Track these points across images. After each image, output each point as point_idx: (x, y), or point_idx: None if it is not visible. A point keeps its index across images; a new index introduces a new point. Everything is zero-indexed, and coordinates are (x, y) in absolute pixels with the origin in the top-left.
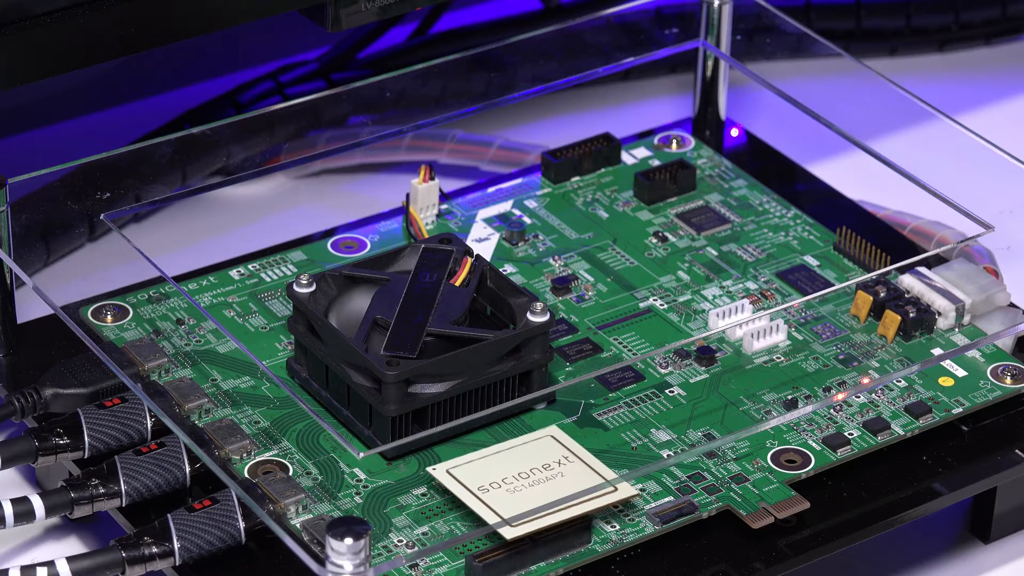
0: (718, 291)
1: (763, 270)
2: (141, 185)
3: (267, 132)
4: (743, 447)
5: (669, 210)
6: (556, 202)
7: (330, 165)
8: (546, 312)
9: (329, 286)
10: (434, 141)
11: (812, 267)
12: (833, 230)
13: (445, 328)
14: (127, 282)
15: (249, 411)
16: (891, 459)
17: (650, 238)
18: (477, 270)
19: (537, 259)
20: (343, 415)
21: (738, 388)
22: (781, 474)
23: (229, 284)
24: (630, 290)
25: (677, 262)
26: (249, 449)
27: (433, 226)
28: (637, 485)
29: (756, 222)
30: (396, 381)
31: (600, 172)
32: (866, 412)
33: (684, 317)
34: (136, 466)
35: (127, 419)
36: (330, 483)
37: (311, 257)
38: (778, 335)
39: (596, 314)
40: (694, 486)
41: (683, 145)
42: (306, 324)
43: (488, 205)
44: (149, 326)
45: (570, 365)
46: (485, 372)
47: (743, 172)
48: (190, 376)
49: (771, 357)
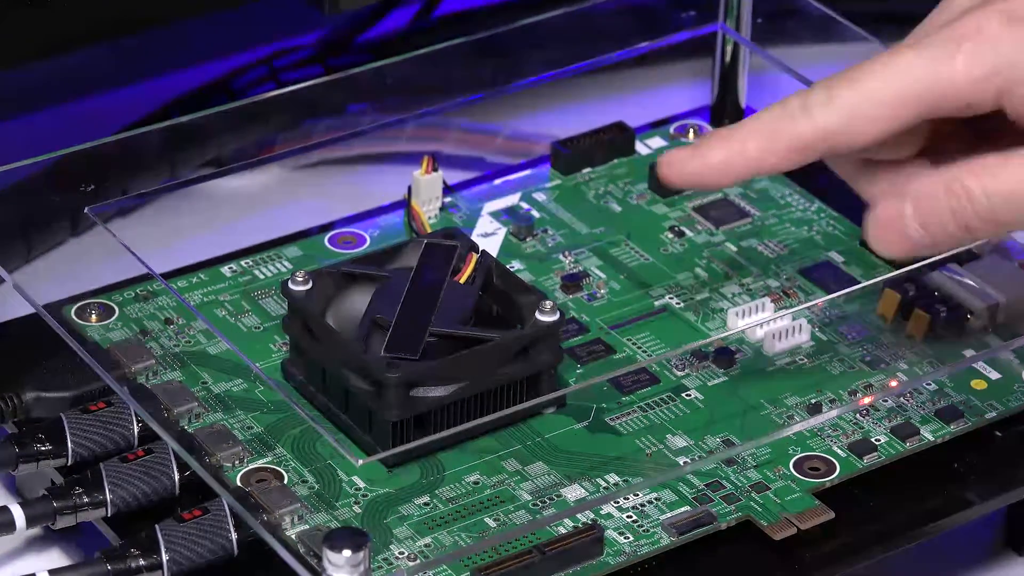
0: (737, 289)
1: (785, 267)
2: (127, 177)
3: (261, 121)
4: (764, 454)
5: (686, 203)
6: (566, 195)
7: (327, 156)
8: (556, 311)
9: (326, 284)
10: (437, 130)
11: (837, 263)
12: (859, 224)
13: (449, 328)
14: (113, 279)
15: (242, 416)
16: (921, 467)
17: (666, 233)
18: (483, 267)
19: (546, 255)
20: (341, 420)
21: (759, 392)
22: (804, 482)
23: (221, 281)
24: (644, 288)
25: (694, 258)
26: (241, 456)
27: (436, 220)
28: (652, 494)
29: (778, 216)
30: (397, 384)
31: (613, 163)
32: (894, 417)
33: (701, 317)
34: (122, 474)
35: (113, 424)
36: (327, 492)
37: (307, 253)
38: (801, 335)
39: (608, 313)
40: (712, 495)
41: (700, 135)
42: (302, 324)
43: (494, 198)
44: (136, 326)
45: (581, 367)
46: (491, 375)
47: None
48: (179, 379)
49: (793, 359)
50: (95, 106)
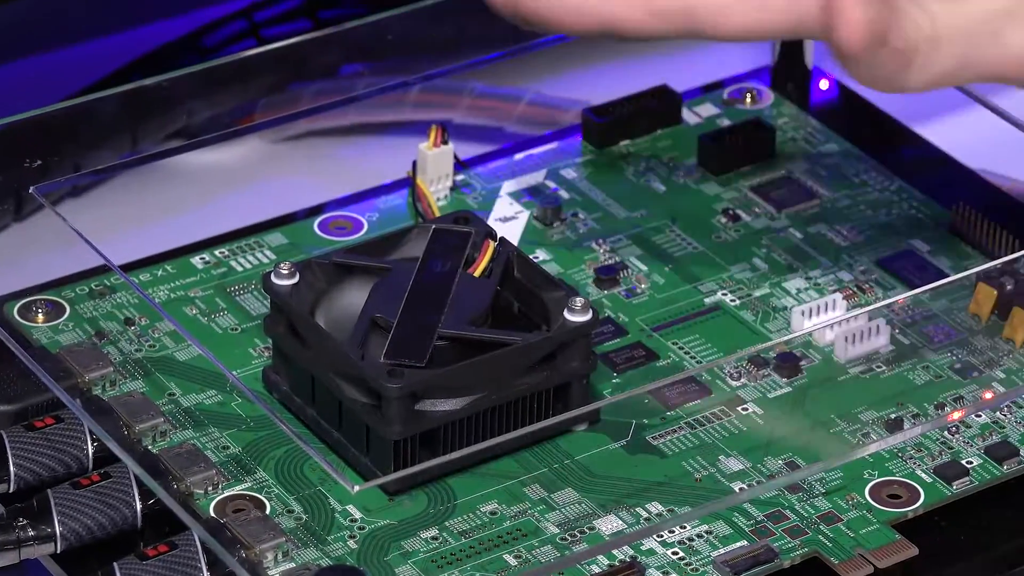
0: (803, 283)
1: (860, 257)
2: (81, 150)
3: (239, 84)
4: (835, 479)
5: (742, 182)
6: (600, 171)
7: (317, 126)
8: (588, 310)
9: (316, 277)
10: (447, 95)
11: (921, 253)
12: (948, 207)
13: (461, 330)
14: (63, 272)
15: (216, 434)
16: (1019, 494)
17: (718, 217)
18: (501, 257)
19: (577, 243)
20: (333, 438)
21: (828, 405)
22: (882, 512)
23: (191, 274)
24: (693, 282)
25: (752, 247)
26: (215, 481)
27: (446, 202)
28: (702, 526)
29: (851, 196)
30: (400, 396)
31: (656, 135)
32: (989, 435)
33: (760, 316)
34: (74, 502)
35: (63, 444)
36: (317, 524)
37: (293, 241)
38: (879, 339)
39: (650, 312)
40: (773, 527)
41: (759, 100)
42: (287, 325)
43: (515, 176)
44: (90, 327)
45: (618, 376)
46: (511, 385)
47: (834, 134)
48: (142, 390)
49: (870, 366)
50: (42, 67)
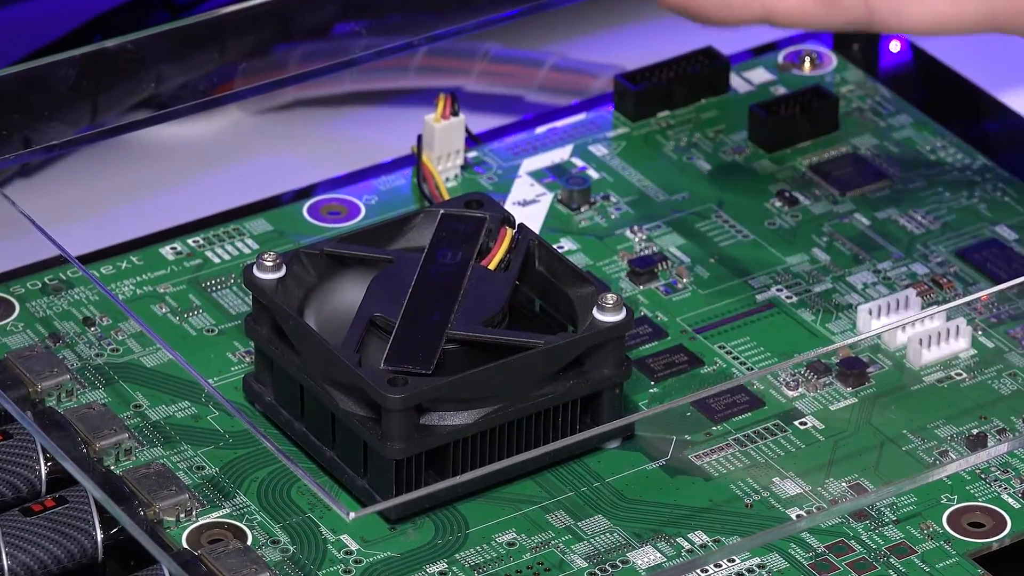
0: (871, 278)
1: (937, 247)
2: (32, 123)
3: (215, 46)
4: (908, 504)
5: (800, 159)
6: (635, 148)
7: (306, 94)
8: (621, 308)
9: (305, 270)
10: (458, 60)
11: (1008, 242)
12: None
13: (473, 331)
14: (12, 264)
15: (189, 452)
16: None
17: (773, 200)
18: (520, 247)
19: (608, 231)
20: (325, 457)
21: (900, 419)
22: (962, 543)
23: (160, 267)
24: (743, 276)
25: (811, 235)
26: (189, 507)
27: (456, 183)
28: (754, 558)
29: (926, 177)
30: (403, 408)
31: (699, 104)
32: None
33: (821, 316)
34: (25, 531)
35: (11, 464)
36: (307, 556)
37: (279, 228)
38: (959, 341)
39: (693, 311)
40: (836, 561)
41: (820, 65)
42: (272, 325)
43: (536, 152)
44: (43, 328)
45: (656, 385)
46: (532, 395)
47: (907, 104)
48: (103, 401)
49: (948, 374)
50: None
